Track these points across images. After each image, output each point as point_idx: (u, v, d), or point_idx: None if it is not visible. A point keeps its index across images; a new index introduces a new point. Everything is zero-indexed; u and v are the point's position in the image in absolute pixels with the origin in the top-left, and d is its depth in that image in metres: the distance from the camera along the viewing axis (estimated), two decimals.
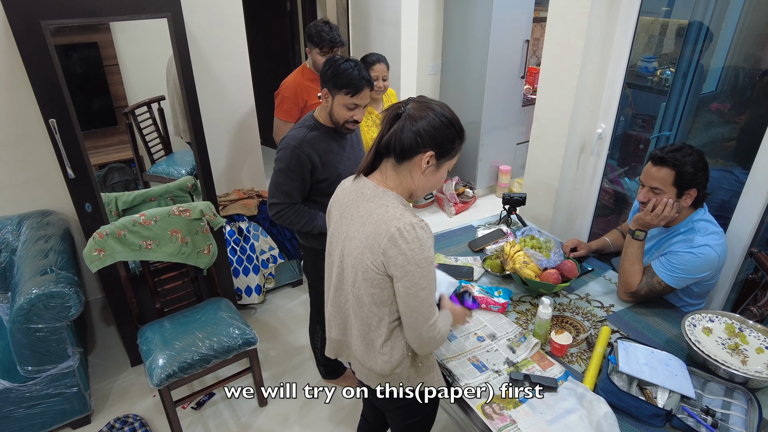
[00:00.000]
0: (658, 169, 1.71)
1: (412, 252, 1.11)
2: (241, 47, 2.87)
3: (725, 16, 2.47)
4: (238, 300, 2.83)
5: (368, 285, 1.19)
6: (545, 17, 2.57)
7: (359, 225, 1.20)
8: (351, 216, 1.24)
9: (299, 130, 1.84)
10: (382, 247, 1.12)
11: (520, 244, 1.95)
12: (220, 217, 2.31)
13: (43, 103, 1.94)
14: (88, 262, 2.03)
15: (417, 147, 1.16)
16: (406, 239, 1.10)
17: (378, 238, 1.13)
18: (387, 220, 1.14)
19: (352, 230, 1.22)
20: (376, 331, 1.25)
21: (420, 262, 1.12)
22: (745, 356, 1.48)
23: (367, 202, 1.20)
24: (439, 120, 1.15)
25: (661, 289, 1.74)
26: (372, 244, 1.15)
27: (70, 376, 2.05)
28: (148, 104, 2.74)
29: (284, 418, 2.29)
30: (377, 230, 1.14)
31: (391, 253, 1.12)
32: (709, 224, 1.72)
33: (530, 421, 1.34)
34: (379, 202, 1.18)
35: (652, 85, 2.83)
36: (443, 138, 1.16)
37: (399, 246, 1.11)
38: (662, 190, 1.70)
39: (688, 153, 1.68)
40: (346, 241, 1.24)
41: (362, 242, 1.17)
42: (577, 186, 2.51)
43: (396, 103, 1.21)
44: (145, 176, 2.83)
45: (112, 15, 2.02)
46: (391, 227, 1.12)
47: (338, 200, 1.32)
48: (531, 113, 2.63)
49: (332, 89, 1.75)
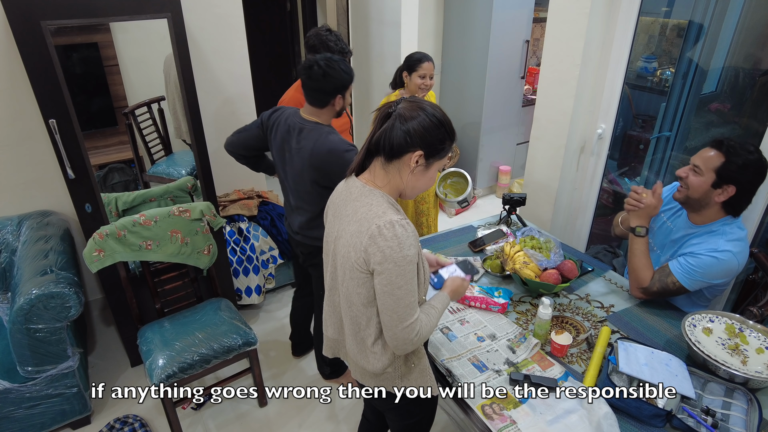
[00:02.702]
0: (710, 150, 1.63)
1: (390, 249, 1.11)
2: (241, 47, 2.87)
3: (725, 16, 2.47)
4: (238, 300, 2.83)
5: (355, 284, 1.20)
6: (545, 17, 2.57)
7: (346, 224, 1.22)
8: (340, 215, 1.26)
9: (334, 135, 1.86)
10: (364, 245, 1.14)
11: (520, 244, 1.95)
12: (220, 218, 2.31)
13: (43, 104, 1.94)
14: (88, 262, 2.02)
15: (406, 146, 1.16)
16: (385, 236, 1.11)
17: (360, 236, 1.15)
18: (369, 218, 1.15)
19: (340, 229, 1.24)
20: (366, 330, 1.26)
21: (398, 260, 1.11)
22: (745, 356, 1.48)
23: (354, 201, 1.22)
24: (429, 120, 1.16)
25: (674, 290, 1.69)
26: (356, 243, 1.16)
27: (70, 377, 2.05)
28: (148, 104, 2.74)
29: (284, 418, 2.29)
30: (360, 228, 1.16)
31: (371, 250, 1.13)
32: (737, 230, 1.65)
33: (530, 421, 1.34)
34: (365, 200, 1.20)
35: (652, 85, 2.83)
36: (433, 138, 1.17)
37: (377, 243, 1.11)
38: (701, 171, 1.61)
39: (750, 151, 1.58)
40: (337, 240, 1.26)
41: (348, 241, 1.19)
42: (577, 186, 2.51)
43: (388, 103, 1.21)
44: (145, 176, 2.83)
45: (112, 15, 2.02)
46: (372, 225, 1.13)
47: (332, 201, 1.33)
48: (531, 113, 2.63)
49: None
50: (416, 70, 2.46)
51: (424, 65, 2.44)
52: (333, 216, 1.30)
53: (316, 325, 2.33)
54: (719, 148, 1.61)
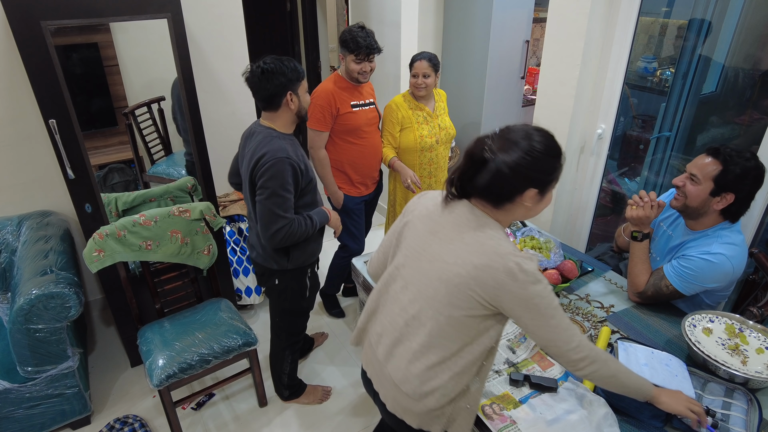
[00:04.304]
0: (707, 157, 1.61)
1: (533, 285, 1.07)
2: (241, 47, 2.87)
3: (725, 16, 2.47)
4: (238, 300, 2.83)
5: (460, 318, 1.13)
6: (545, 18, 2.57)
7: (464, 253, 1.13)
8: (449, 239, 1.16)
9: (276, 141, 1.72)
10: (499, 282, 1.08)
11: (520, 244, 1.95)
12: (220, 218, 2.31)
13: (43, 104, 1.94)
14: (88, 262, 2.02)
15: (516, 192, 1.10)
16: (526, 272, 1.07)
17: (492, 272, 1.08)
18: (502, 254, 1.08)
19: (448, 254, 1.15)
20: (446, 363, 1.18)
21: (541, 293, 1.08)
22: (745, 357, 1.48)
23: (475, 231, 1.14)
24: (533, 155, 1.07)
25: (668, 293, 1.69)
26: (482, 277, 1.09)
27: (69, 377, 2.05)
28: (148, 105, 2.74)
29: (284, 418, 2.29)
30: (491, 263, 1.09)
31: (509, 287, 1.07)
32: (733, 234, 1.63)
33: (530, 422, 1.34)
34: (489, 233, 1.13)
35: (652, 86, 2.83)
36: (543, 172, 1.10)
37: (518, 280, 1.07)
38: (699, 180, 1.60)
39: (748, 158, 1.57)
40: (435, 262, 1.17)
41: (468, 272, 1.11)
42: (577, 186, 2.51)
43: (478, 140, 1.13)
44: (145, 177, 2.83)
45: (112, 15, 2.02)
46: (509, 262, 1.07)
47: (428, 216, 1.23)
48: (531, 113, 2.62)
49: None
50: (411, 70, 2.47)
51: (416, 65, 2.43)
52: (430, 233, 1.21)
53: (278, 348, 2.18)
54: (716, 156, 1.59)
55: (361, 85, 2.45)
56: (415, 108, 2.52)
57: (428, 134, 2.53)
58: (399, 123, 2.51)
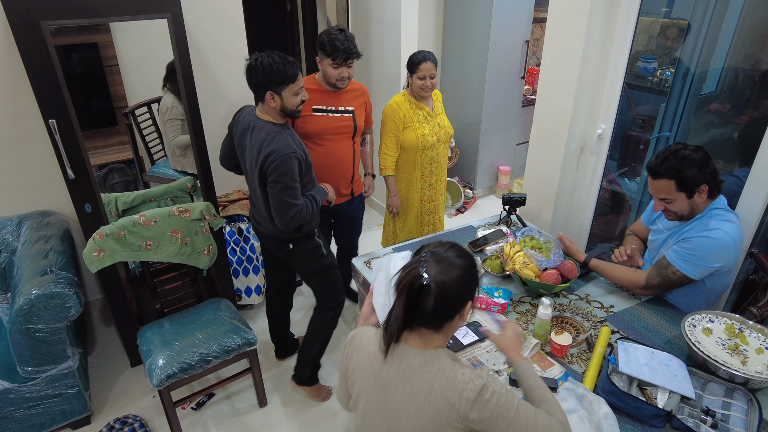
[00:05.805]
0: (658, 182, 1.68)
1: (495, 397, 1.07)
2: (241, 47, 2.87)
3: (725, 16, 2.47)
4: (238, 300, 2.83)
5: None
6: (545, 18, 2.57)
7: (422, 401, 1.10)
8: (402, 394, 1.13)
9: (279, 137, 1.85)
10: (462, 414, 1.06)
11: (520, 244, 1.95)
12: (220, 218, 2.31)
13: (43, 104, 1.94)
14: (87, 262, 2.03)
15: (456, 311, 1.11)
16: (482, 392, 1.06)
17: (451, 410, 1.07)
18: (455, 387, 1.07)
19: (407, 408, 1.12)
20: None
21: (500, 401, 1.07)
22: (745, 357, 1.48)
23: (420, 374, 1.11)
24: (466, 273, 1.10)
25: (677, 279, 1.71)
26: (445, 417, 1.07)
27: (69, 377, 2.05)
28: (148, 105, 2.74)
29: (284, 418, 2.29)
30: (448, 401, 1.07)
31: (475, 413, 1.06)
32: (725, 212, 1.69)
33: None
34: (433, 368, 1.11)
35: (652, 86, 2.83)
36: (473, 285, 1.14)
37: (481, 401, 1.06)
38: (671, 198, 1.68)
39: (682, 156, 1.63)
40: (400, 420, 1.13)
41: (430, 418, 1.08)
42: (577, 186, 2.51)
43: (408, 267, 1.11)
44: (145, 177, 2.83)
45: (112, 15, 2.02)
46: (465, 392, 1.06)
47: (372, 372, 1.18)
48: (531, 114, 2.62)
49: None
50: (416, 72, 2.43)
51: (422, 66, 2.40)
52: (379, 390, 1.16)
53: (324, 308, 2.25)
54: (662, 176, 1.66)
55: (338, 91, 2.33)
56: (416, 107, 2.52)
57: (429, 133, 2.53)
58: (402, 122, 2.50)
